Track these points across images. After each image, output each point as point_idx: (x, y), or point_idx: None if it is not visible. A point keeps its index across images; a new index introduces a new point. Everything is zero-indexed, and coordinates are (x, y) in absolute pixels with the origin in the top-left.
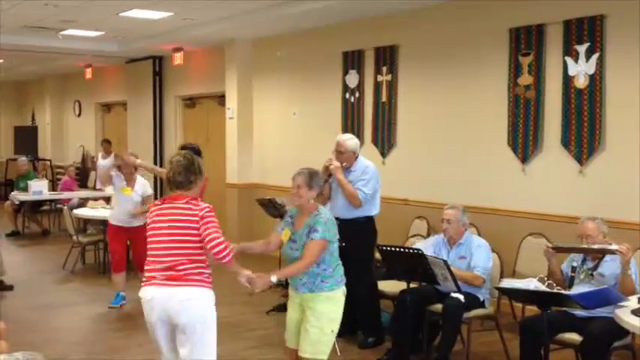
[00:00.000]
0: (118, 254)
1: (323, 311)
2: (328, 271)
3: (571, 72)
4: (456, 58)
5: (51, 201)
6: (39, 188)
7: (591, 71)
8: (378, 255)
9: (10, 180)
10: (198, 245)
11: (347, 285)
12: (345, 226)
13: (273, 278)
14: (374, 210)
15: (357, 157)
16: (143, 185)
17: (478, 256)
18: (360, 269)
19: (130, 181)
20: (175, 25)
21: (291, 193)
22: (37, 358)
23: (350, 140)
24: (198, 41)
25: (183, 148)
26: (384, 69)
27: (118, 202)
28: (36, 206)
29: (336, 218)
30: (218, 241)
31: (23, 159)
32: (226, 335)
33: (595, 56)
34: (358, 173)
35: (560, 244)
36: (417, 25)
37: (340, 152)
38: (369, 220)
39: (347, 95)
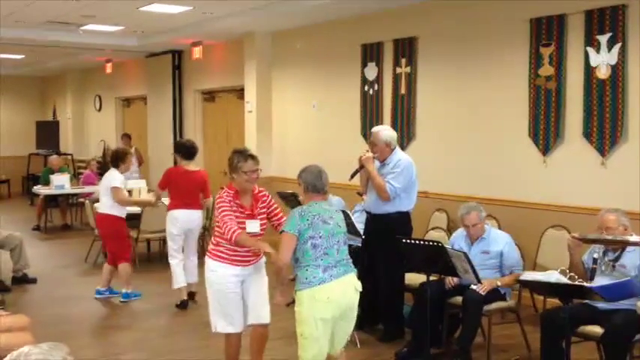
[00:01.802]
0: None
1: (296, 311)
2: (297, 270)
3: (593, 62)
4: (476, 50)
5: (72, 195)
6: (61, 182)
7: (613, 62)
8: None
9: (33, 174)
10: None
11: (369, 278)
12: (376, 220)
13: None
14: (405, 205)
15: (392, 150)
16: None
17: (511, 255)
18: (388, 264)
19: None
20: (194, 19)
21: None
22: (62, 349)
23: (382, 132)
24: (217, 35)
25: (183, 144)
26: (403, 61)
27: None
28: (67, 200)
29: (367, 212)
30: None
31: (55, 156)
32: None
33: (617, 46)
34: (390, 166)
35: (586, 235)
36: (436, 17)
37: (373, 144)
38: (402, 215)
39: (366, 88)
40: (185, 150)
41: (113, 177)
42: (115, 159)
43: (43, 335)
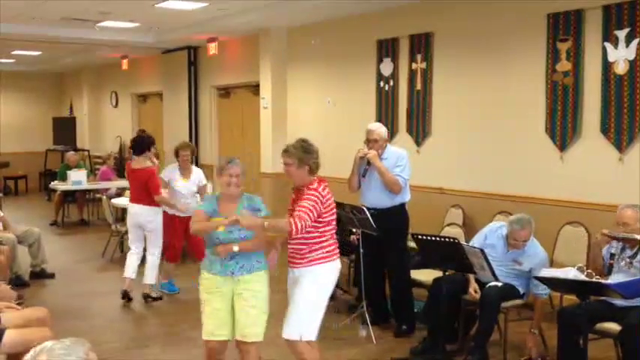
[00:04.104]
0: (178, 247)
1: (260, 290)
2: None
3: (610, 58)
4: (493, 45)
5: (89, 190)
6: (78, 178)
7: (631, 57)
8: (412, 243)
9: (50, 170)
10: None
11: (377, 274)
12: (384, 215)
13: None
14: (408, 196)
15: (386, 145)
16: (198, 174)
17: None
18: (399, 258)
19: (186, 171)
20: (210, 15)
21: (229, 184)
22: (84, 344)
23: (381, 128)
24: (233, 31)
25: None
26: (419, 57)
27: (174, 193)
28: (83, 196)
29: (373, 209)
30: None
31: (72, 153)
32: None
33: (635, 42)
34: (392, 160)
35: (617, 234)
36: (453, 12)
37: (375, 140)
38: (403, 206)
39: (381, 84)
40: (133, 144)
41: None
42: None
43: (61, 330)
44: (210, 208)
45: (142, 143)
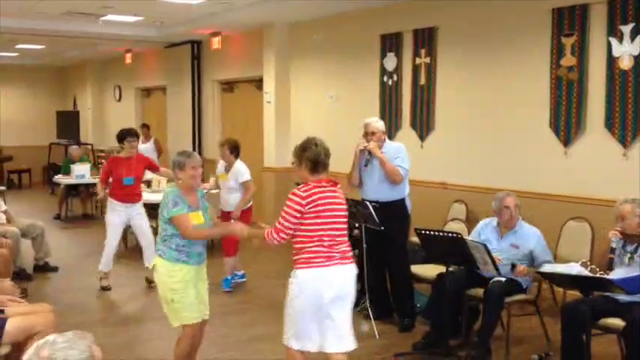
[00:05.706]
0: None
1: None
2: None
3: (615, 53)
4: (497, 40)
5: (93, 184)
6: (82, 172)
7: (636, 52)
8: (415, 238)
9: (54, 164)
10: None
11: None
12: (387, 209)
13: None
14: (407, 189)
15: (385, 139)
16: (234, 171)
17: (542, 253)
18: (400, 252)
19: (229, 166)
20: (213, 9)
21: (195, 177)
22: (87, 338)
23: (379, 122)
24: (236, 25)
25: (127, 133)
26: (423, 51)
27: (222, 188)
28: (87, 190)
29: (376, 201)
30: None
31: (75, 147)
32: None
33: None
34: (391, 153)
35: (627, 232)
36: (456, 7)
37: (372, 133)
38: (403, 200)
39: (385, 78)
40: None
41: (245, 169)
42: (237, 148)
43: (65, 323)
44: (186, 208)
45: (118, 135)
